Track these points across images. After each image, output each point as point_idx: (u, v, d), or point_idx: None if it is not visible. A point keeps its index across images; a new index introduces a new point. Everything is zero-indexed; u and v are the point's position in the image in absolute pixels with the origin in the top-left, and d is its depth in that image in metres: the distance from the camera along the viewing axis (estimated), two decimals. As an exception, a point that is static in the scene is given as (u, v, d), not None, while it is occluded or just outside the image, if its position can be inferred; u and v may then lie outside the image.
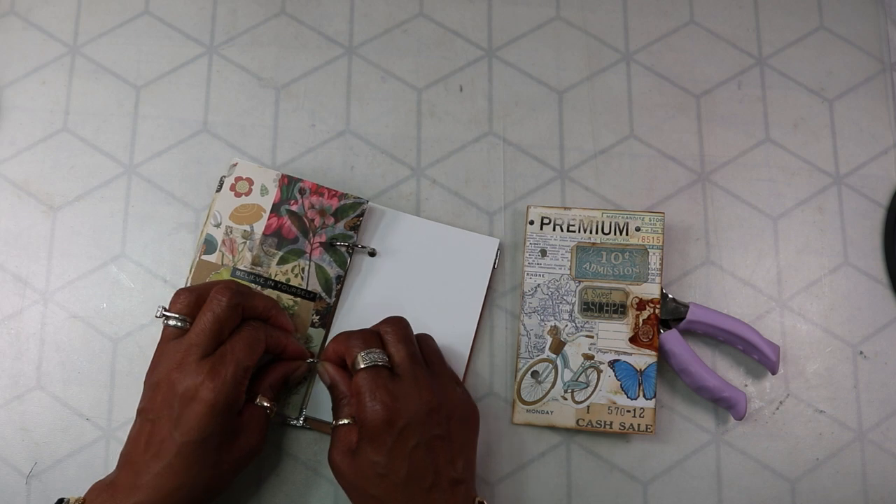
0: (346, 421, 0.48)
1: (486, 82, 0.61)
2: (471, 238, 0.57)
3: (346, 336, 0.49)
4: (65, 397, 0.55)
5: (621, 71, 0.62)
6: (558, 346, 0.55)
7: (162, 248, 0.57)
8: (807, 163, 0.61)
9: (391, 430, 0.45)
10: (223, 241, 0.54)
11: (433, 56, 0.62)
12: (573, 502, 0.54)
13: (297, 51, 0.61)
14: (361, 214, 0.55)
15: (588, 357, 0.54)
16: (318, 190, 0.55)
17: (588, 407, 0.54)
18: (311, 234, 0.55)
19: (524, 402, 0.54)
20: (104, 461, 0.53)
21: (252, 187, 0.55)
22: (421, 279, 0.56)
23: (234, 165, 0.56)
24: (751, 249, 0.59)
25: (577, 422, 0.54)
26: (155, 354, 0.48)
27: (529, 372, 0.55)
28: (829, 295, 0.58)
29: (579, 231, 0.56)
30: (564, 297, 0.55)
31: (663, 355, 0.55)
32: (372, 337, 0.49)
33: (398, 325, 0.50)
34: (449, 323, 0.55)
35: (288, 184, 0.55)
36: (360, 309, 0.55)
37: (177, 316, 0.48)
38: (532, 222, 0.57)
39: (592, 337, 0.55)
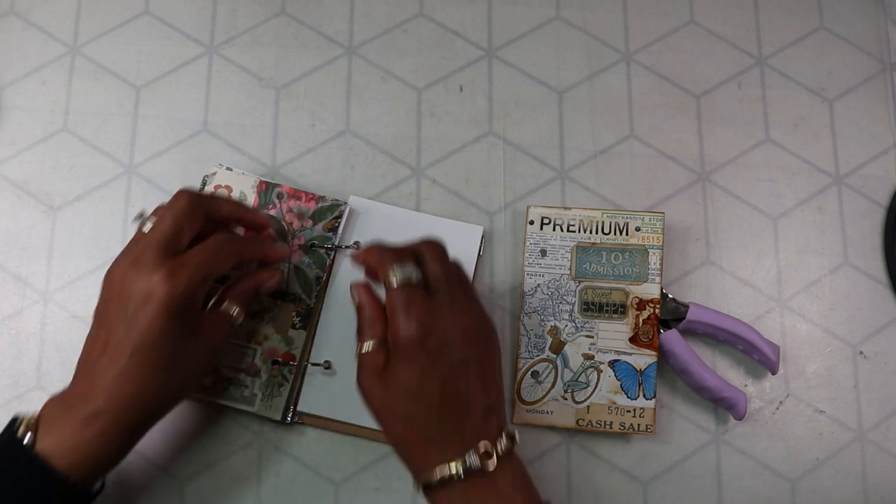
0: (370, 344, 0.46)
1: (486, 82, 0.61)
2: (455, 227, 0.57)
3: (380, 250, 0.47)
4: (65, 397, 0.55)
5: (621, 71, 0.62)
6: (558, 346, 0.55)
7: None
8: (807, 163, 0.61)
9: (425, 348, 0.44)
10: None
11: (433, 56, 0.62)
12: (573, 502, 0.54)
13: (297, 51, 0.61)
14: (339, 216, 0.55)
15: (588, 357, 0.54)
16: (295, 194, 0.56)
17: (588, 407, 0.54)
18: (289, 238, 0.55)
19: (524, 402, 0.54)
20: (104, 461, 0.54)
21: (231, 194, 0.56)
22: None
23: (213, 174, 0.56)
24: (751, 249, 0.59)
25: (577, 422, 0.54)
26: (120, 253, 0.46)
27: (529, 372, 0.55)
28: (829, 295, 0.58)
29: (579, 231, 0.56)
30: (564, 297, 0.55)
31: (663, 355, 0.55)
32: (405, 253, 0.47)
33: (435, 244, 0.48)
34: None
35: (266, 189, 0.56)
36: (346, 306, 0.55)
37: (147, 218, 0.46)
38: (532, 222, 0.57)
39: (592, 337, 0.54)
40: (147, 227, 0.46)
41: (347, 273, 0.56)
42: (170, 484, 0.53)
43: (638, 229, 0.56)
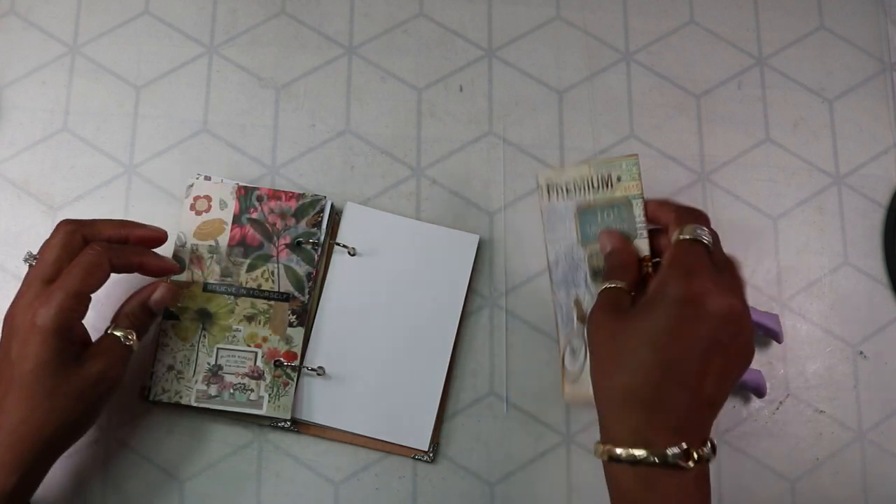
0: (616, 284, 0.45)
1: (486, 82, 0.61)
2: (451, 235, 0.57)
3: (677, 205, 0.47)
4: (65, 397, 0.55)
5: (621, 71, 0.62)
6: (583, 318, 0.52)
7: (162, 248, 0.57)
8: (807, 163, 0.61)
9: (690, 308, 0.41)
10: (190, 259, 0.54)
11: (433, 56, 0.62)
12: (573, 502, 0.54)
13: (297, 51, 0.61)
14: (321, 211, 0.56)
15: None
16: (275, 195, 0.56)
17: None
18: (275, 238, 0.55)
19: (569, 379, 0.51)
20: (103, 461, 0.53)
21: (211, 203, 0.55)
22: (403, 277, 0.56)
23: (191, 186, 0.56)
24: (751, 249, 0.59)
25: None
26: None
27: (568, 347, 0.52)
28: (829, 295, 0.58)
29: (577, 191, 0.52)
30: (579, 265, 0.52)
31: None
32: (703, 216, 0.46)
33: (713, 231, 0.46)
34: (432, 319, 0.55)
35: (245, 194, 0.56)
36: (342, 308, 0.55)
37: (33, 256, 0.47)
38: (540, 189, 0.54)
39: None
40: (33, 264, 0.47)
41: (347, 272, 0.56)
42: (170, 484, 0.53)
43: (619, 179, 0.51)
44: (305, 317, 0.54)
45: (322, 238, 0.55)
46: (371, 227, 0.57)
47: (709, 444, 0.41)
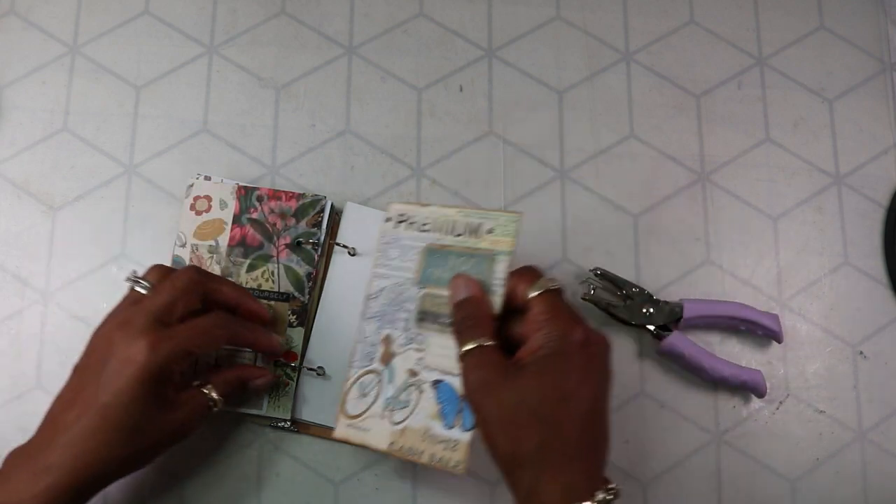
0: (486, 342, 0.43)
1: (486, 82, 0.61)
2: None
3: (514, 270, 0.46)
4: (65, 397, 0.55)
5: (621, 71, 0.62)
6: (388, 358, 0.49)
7: (162, 248, 0.57)
8: (807, 163, 0.61)
9: (584, 352, 0.42)
10: (190, 259, 0.55)
11: (433, 56, 0.62)
12: (573, 502, 0.54)
13: (297, 51, 0.61)
14: (321, 210, 0.56)
15: (412, 373, 0.47)
16: (275, 195, 0.56)
17: (403, 430, 0.47)
18: (275, 238, 0.55)
19: (347, 416, 0.49)
20: (104, 461, 0.54)
21: (211, 203, 0.56)
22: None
23: (191, 186, 0.56)
24: (751, 249, 0.59)
25: (390, 445, 0.47)
26: (109, 313, 0.47)
27: (358, 382, 0.49)
28: (829, 295, 0.58)
29: (434, 231, 0.49)
30: (404, 304, 0.49)
31: (673, 359, 0.54)
32: (538, 268, 0.46)
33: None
34: None
35: (245, 194, 0.56)
36: (342, 308, 0.55)
37: (145, 283, 0.47)
38: (389, 220, 0.51)
39: (422, 351, 0.47)
40: (140, 289, 0.47)
41: (346, 271, 0.56)
42: (170, 484, 0.53)
43: (490, 231, 0.47)
44: (305, 317, 0.54)
45: (322, 238, 0.55)
46: (371, 227, 0.57)
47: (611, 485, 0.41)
